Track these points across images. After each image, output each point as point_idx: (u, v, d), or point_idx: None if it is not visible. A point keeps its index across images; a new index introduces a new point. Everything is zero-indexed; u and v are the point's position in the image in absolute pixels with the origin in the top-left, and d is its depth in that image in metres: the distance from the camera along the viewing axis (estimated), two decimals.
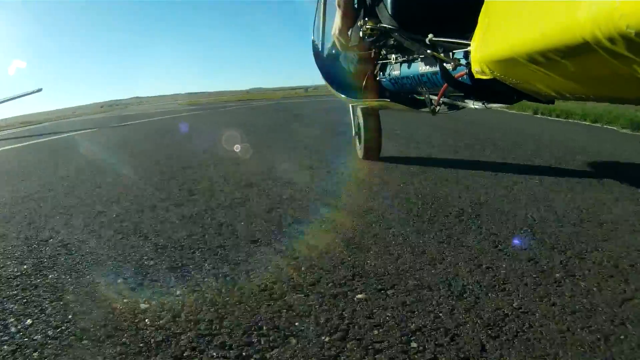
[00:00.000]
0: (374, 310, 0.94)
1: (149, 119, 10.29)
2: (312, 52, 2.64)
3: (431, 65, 1.57)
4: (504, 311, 0.91)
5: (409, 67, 1.79)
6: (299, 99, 18.69)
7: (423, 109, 1.89)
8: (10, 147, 5.69)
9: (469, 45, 1.13)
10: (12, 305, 1.05)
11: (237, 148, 3.63)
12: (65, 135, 7.06)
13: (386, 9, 1.71)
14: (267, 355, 0.80)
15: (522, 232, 1.37)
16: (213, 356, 0.81)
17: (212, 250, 1.36)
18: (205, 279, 1.15)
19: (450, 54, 1.37)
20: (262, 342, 0.84)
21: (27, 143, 6.09)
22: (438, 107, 1.70)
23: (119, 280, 1.17)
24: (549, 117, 5.20)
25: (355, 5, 1.97)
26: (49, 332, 0.92)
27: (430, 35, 1.37)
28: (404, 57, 1.83)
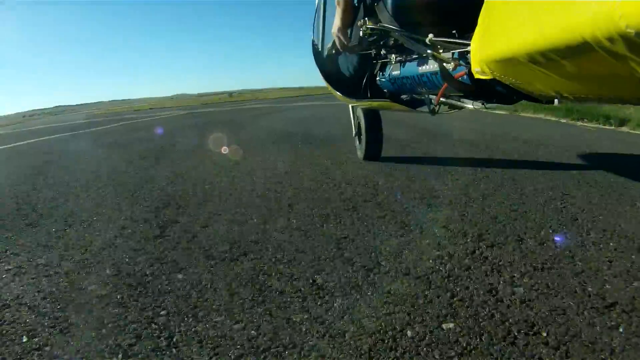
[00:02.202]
0: None
1: None
2: (312, 52, 2.63)
3: (431, 65, 1.57)
4: None
5: (408, 67, 1.79)
6: (227, 106, 14.78)
7: (422, 109, 1.89)
8: None
9: (469, 45, 1.13)
10: None
11: None
12: None
13: (386, 8, 1.70)
14: None
15: None
16: None
17: None
18: None
19: (451, 53, 1.36)
20: None
21: None
22: (437, 107, 1.70)
23: None
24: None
25: (355, 4, 1.96)
26: None
27: (430, 36, 1.36)
28: (404, 57, 1.82)
